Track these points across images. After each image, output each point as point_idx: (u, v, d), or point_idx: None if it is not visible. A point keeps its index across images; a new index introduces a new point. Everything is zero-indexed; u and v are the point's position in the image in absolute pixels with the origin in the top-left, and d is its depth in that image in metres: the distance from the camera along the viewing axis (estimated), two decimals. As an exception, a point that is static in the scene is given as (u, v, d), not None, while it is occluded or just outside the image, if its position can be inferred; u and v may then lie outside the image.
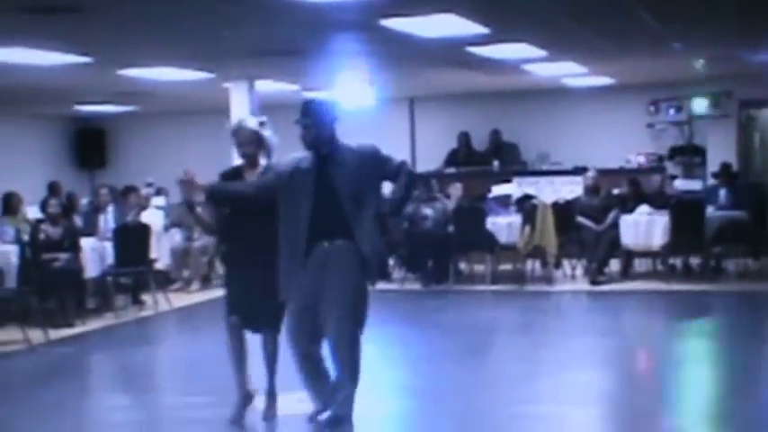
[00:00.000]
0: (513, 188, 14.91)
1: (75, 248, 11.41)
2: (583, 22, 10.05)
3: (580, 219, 13.61)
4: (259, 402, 6.96)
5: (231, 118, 13.85)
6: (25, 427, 7.29)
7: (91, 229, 12.56)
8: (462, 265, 14.36)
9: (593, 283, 13.20)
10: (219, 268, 14.87)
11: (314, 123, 6.18)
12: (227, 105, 14.04)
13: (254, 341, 6.81)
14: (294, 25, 9.55)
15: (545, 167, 17.09)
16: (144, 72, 12.51)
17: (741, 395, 7.58)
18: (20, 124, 18.86)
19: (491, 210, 13.87)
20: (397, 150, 7.25)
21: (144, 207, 13.81)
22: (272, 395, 6.96)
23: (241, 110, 13.85)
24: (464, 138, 18.02)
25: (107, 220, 12.76)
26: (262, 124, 6.72)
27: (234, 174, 6.77)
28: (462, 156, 17.89)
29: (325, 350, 6.26)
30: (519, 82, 15.78)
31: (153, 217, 13.56)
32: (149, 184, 15.63)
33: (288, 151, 6.55)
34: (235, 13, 8.75)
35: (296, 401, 7.21)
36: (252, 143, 6.65)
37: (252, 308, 6.64)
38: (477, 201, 14.49)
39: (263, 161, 6.70)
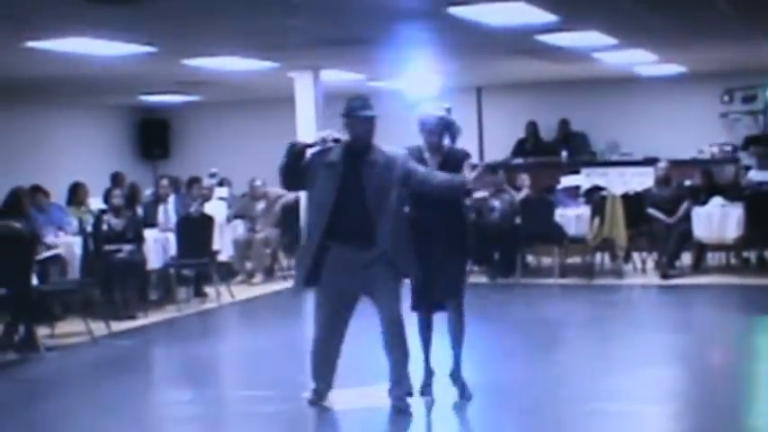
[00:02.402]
0: (583, 179, 14.64)
1: (138, 240, 11.39)
2: (655, 8, 9.80)
3: (651, 211, 13.33)
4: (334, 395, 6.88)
5: (297, 108, 13.81)
6: (88, 420, 7.28)
7: (151, 220, 12.51)
8: (530, 258, 14.15)
9: (664, 276, 12.91)
10: (283, 260, 14.87)
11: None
12: (292, 95, 13.93)
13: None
14: (360, 14, 9.42)
15: (615, 158, 16.80)
16: (208, 62, 12.43)
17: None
18: (84, 115, 18.94)
19: (559, 201, 13.65)
20: (464, 140, 7.16)
21: (207, 198, 13.75)
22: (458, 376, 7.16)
23: (306, 100, 13.76)
24: (532, 127, 17.75)
25: (167, 211, 12.70)
26: (448, 110, 6.96)
27: (417, 154, 6.91)
28: (530, 146, 17.63)
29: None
30: (589, 70, 15.50)
31: (216, 208, 13.50)
32: (212, 175, 15.58)
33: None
34: (301, 1, 8.64)
35: (358, 396, 7.14)
36: (437, 132, 6.91)
37: (437, 290, 6.99)
38: (546, 192, 14.26)
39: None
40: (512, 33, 10.82)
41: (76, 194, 13.00)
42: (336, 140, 6.59)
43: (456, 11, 9.23)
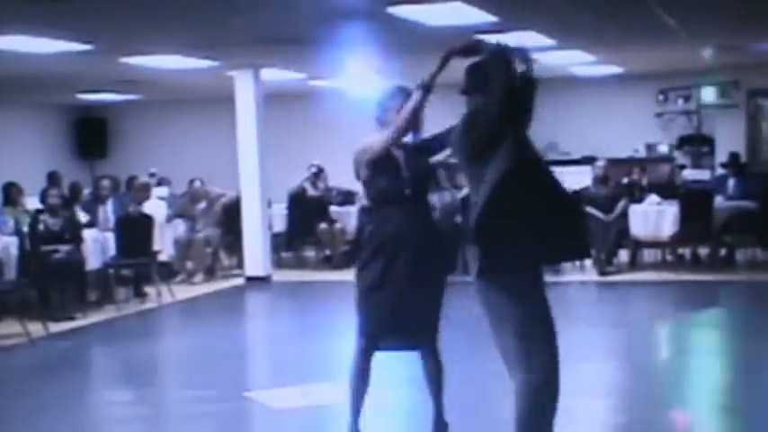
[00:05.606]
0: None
1: (76, 240, 11.28)
2: (592, 10, 9.92)
3: (589, 209, 13.46)
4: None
5: (237, 107, 13.76)
6: (25, 423, 7.18)
7: (90, 221, 12.39)
8: (470, 255, 14.17)
9: (602, 273, 13.07)
10: (224, 259, 14.82)
11: None
12: (232, 94, 13.89)
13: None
14: (301, 13, 9.43)
15: (553, 157, 16.92)
16: (147, 60, 12.36)
17: (750, 386, 7.47)
18: (20, 113, 18.74)
19: (500, 200, 13.70)
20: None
21: (146, 197, 13.65)
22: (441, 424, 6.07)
23: (246, 99, 13.72)
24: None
25: (106, 211, 12.61)
26: None
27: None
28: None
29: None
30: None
31: (156, 208, 13.40)
32: (152, 175, 15.49)
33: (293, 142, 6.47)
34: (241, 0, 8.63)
35: (299, 395, 7.14)
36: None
37: (409, 320, 5.70)
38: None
39: None
40: (451, 33, 10.84)
41: (10, 194, 12.80)
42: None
43: (395, 10, 9.28)
